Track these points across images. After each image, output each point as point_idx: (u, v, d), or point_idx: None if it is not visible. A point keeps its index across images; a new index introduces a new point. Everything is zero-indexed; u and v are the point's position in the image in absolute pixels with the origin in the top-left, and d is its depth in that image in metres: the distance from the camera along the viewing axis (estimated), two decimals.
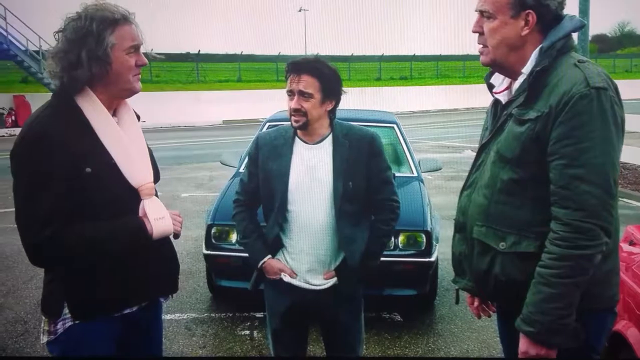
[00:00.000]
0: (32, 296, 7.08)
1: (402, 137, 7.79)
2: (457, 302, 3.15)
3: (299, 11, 67.18)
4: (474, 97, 33.97)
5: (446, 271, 7.17)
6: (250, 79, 47.16)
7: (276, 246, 3.62)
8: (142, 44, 2.81)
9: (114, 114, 2.85)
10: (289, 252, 3.61)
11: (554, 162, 2.42)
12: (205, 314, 6.57)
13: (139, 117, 3.00)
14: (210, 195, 10.84)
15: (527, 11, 2.55)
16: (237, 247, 5.77)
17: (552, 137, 2.41)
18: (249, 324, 6.27)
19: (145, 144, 2.96)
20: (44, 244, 2.59)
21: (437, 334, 6.07)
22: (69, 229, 2.60)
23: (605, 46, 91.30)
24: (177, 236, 3.00)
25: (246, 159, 3.85)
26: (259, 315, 6.31)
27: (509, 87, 2.72)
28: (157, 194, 2.94)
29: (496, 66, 2.71)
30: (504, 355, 3.05)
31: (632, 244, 4.77)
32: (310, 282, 3.58)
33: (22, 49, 30.40)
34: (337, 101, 3.57)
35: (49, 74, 2.76)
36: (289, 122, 3.56)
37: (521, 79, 2.61)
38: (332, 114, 3.59)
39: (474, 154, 2.87)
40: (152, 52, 3.00)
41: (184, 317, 6.42)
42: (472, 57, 51.76)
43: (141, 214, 2.82)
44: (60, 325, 2.77)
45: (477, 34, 2.69)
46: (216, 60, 50.93)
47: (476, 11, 2.66)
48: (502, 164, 2.59)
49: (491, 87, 2.83)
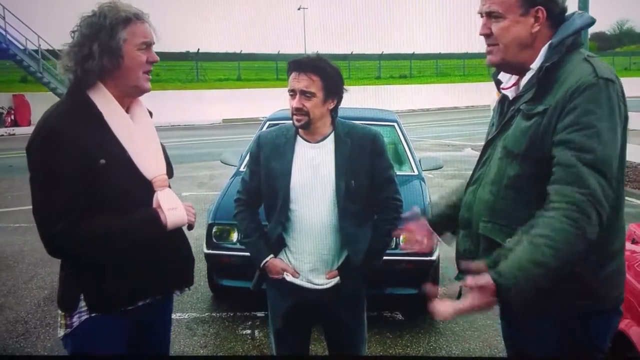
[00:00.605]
0: (33, 296, 7.07)
1: (403, 135, 7.78)
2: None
3: (298, 9, 67.14)
4: (474, 95, 34.14)
5: (447, 270, 7.16)
6: (250, 77, 47.19)
7: (278, 245, 3.61)
8: (153, 43, 2.88)
9: (127, 111, 2.91)
10: (291, 251, 3.59)
11: (559, 147, 2.38)
12: (206, 314, 6.55)
13: (151, 114, 3.07)
14: (211, 194, 10.84)
15: (536, 8, 2.54)
16: (238, 246, 5.77)
17: (559, 126, 2.39)
18: (250, 323, 6.25)
19: (157, 138, 3.02)
20: (61, 237, 2.64)
21: (439, 333, 6.06)
22: (85, 221, 2.66)
23: (604, 44, 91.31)
24: (191, 227, 3.03)
25: (247, 158, 3.84)
26: (260, 314, 6.30)
27: (517, 83, 2.71)
28: (170, 187, 2.98)
29: (505, 65, 2.68)
30: (506, 354, 3.04)
31: (634, 242, 4.75)
32: (312, 282, 3.57)
33: (21, 48, 30.39)
34: (339, 100, 3.55)
35: (63, 69, 2.82)
36: (290, 121, 3.54)
37: (529, 75, 2.60)
38: (334, 112, 3.58)
39: (474, 152, 2.86)
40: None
41: (185, 317, 6.40)
42: (472, 56, 51.86)
43: (155, 205, 2.86)
44: (76, 318, 2.82)
45: (483, 35, 2.66)
46: (216, 59, 50.91)
47: (480, 13, 2.64)
48: (509, 160, 2.57)
49: (499, 83, 2.81)
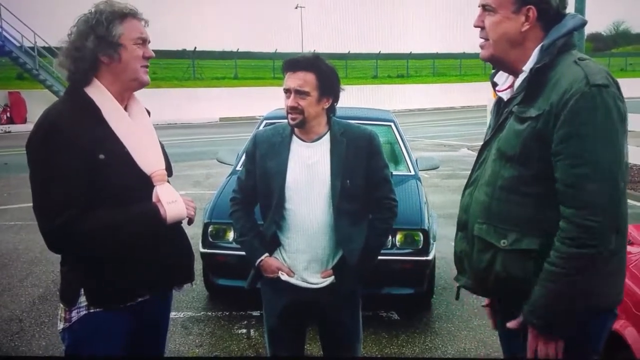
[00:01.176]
0: (28, 294, 7.05)
1: (400, 135, 7.79)
2: (457, 297, 3.15)
3: (296, 8, 67.15)
4: (471, 95, 34.20)
5: (443, 270, 7.17)
6: (246, 76, 47.13)
7: (273, 244, 3.61)
8: (149, 40, 2.93)
9: (125, 108, 2.94)
10: (286, 250, 3.59)
11: (559, 162, 2.41)
12: (201, 313, 6.55)
13: (149, 113, 3.11)
14: (207, 193, 10.84)
15: (528, 7, 2.56)
16: (234, 245, 5.76)
17: (556, 138, 2.41)
18: (245, 322, 6.25)
19: (156, 135, 3.05)
20: (62, 231, 2.66)
21: (434, 333, 6.06)
22: (85, 216, 2.68)
23: (600, 45, 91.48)
24: (190, 221, 3.06)
25: (243, 157, 3.84)
26: (256, 314, 6.29)
27: (512, 85, 2.72)
28: (169, 183, 3.01)
29: (495, 61, 2.71)
30: (502, 354, 3.04)
31: (630, 243, 4.76)
32: (307, 281, 3.57)
33: (17, 45, 30.33)
34: (335, 99, 3.55)
35: (59, 66, 2.86)
36: (287, 120, 3.54)
37: (522, 77, 2.61)
38: (330, 111, 3.58)
39: (470, 152, 2.88)
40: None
41: (181, 316, 6.39)
42: (469, 56, 51.93)
43: (154, 200, 2.88)
44: (75, 313, 2.85)
45: (478, 30, 2.70)
46: (212, 57, 50.87)
47: (479, 6, 2.67)
48: (503, 162, 2.59)
49: (495, 85, 2.83)
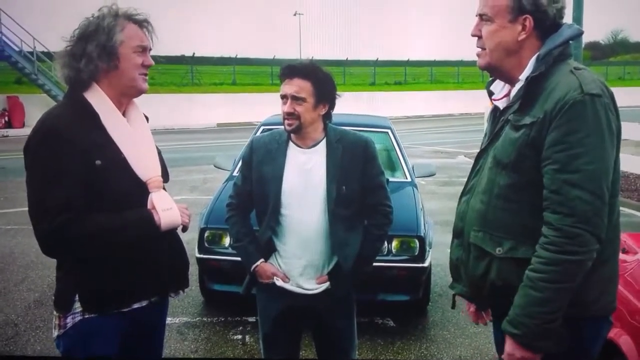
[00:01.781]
0: (23, 299, 7.03)
1: (396, 142, 7.81)
2: (453, 306, 3.15)
3: (294, 15, 67.28)
4: (468, 103, 34.27)
5: (439, 277, 7.17)
6: (245, 82, 47.19)
7: (269, 250, 3.62)
8: (150, 47, 2.94)
9: (124, 114, 2.94)
10: (281, 256, 3.60)
11: (547, 167, 2.43)
12: (197, 318, 6.54)
13: (147, 119, 3.11)
14: (203, 198, 10.83)
15: (524, 16, 2.57)
16: (230, 250, 5.76)
17: (546, 142, 2.43)
18: (241, 328, 6.24)
19: (153, 141, 3.05)
20: (57, 235, 2.66)
21: (430, 340, 6.06)
22: (80, 220, 2.69)
23: (598, 53, 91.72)
24: (185, 229, 3.06)
25: (240, 163, 3.85)
26: (251, 319, 6.28)
27: (508, 94, 2.73)
28: (165, 189, 3.02)
29: (492, 69, 2.73)
30: None
31: (624, 251, 4.76)
32: (302, 287, 3.58)
33: (16, 49, 30.31)
34: (332, 105, 3.57)
35: (59, 68, 2.86)
36: (283, 126, 3.55)
37: (518, 86, 2.63)
38: (326, 118, 3.59)
39: (467, 159, 2.89)
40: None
41: (176, 321, 6.37)
42: (467, 63, 52.01)
43: (149, 206, 2.88)
44: (69, 319, 2.85)
45: (475, 38, 2.71)
46: (211, 63, 50.98)
47: (476, 15, 2.68)
48: (499, 170, 2.60)
49: (491, 94, 2.84)
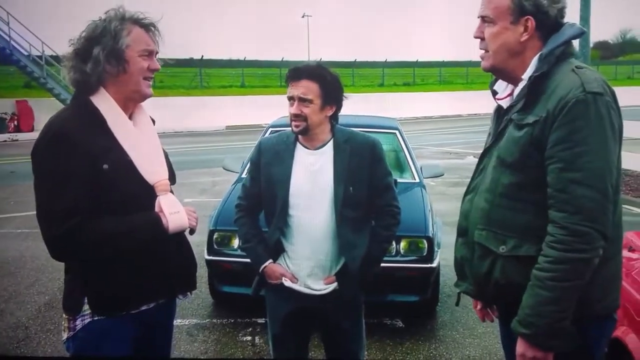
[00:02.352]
0: (34, 302, 7.08)
1: (404, 143, 7.82)
2: (457, 304, 3.17)
3: (302, 17, 67.43)
4: (477, 104, 34.24)
5: (448, 277, 7.17)
6: (253, 84, 47.27)
7: (277, 251, 3.64)
8: (156, 51, 2.95)
9: (130, 117, 2.96)
10: (289, 256, 3.62)
11: (551, 165, 2.45)
12: (207, 320, 6.57)
13: (154, 122, 3.13)
14: (213, 200, 10.85)
15: (526, 17, 2.59)
16: (239, 252, 5.77)
17: (549, 141, 2.45)
18: (250, 329, 6.27)
19: (159, 144, 3.06)
20: (65, 239, 2.68)
21: (439, 340, 6.06)
22: (87, 224, 2.70)
23: (607, 53, 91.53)
24: (192, 231, 3.08)
25: (248, 165, 3.87)
26: (261, 321, 6.31)
27: (511, 94, 2.75)
28: (172, 192, 3.03)
29: (496, 71, 2.75)
30: None
31: (631, 250, 4.77)
32: (311, 287, 3.60)
33: (25, 54, 30.43)
34: (338, 107, 3.59)
35: (66, 70, 2.88)
36: (291, 128, 3.57)
37: (521, 85, 2.65)
38: (333, 119, 3.61)
39: (476, 160, 2.89)
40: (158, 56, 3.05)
41: (186, 323, 6.41)
42: (475, 64, 51.67)
43: (157, 210, 2.89)
44: (79, 321, 2.86)
45: (479, 40, 2.72)
46: (220, 65, 51.03)
47: (478, 17, 2.70)
48: (503, 169, 2.61)
49: (495, 93, 2.86)
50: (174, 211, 2.90)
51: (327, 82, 3.48)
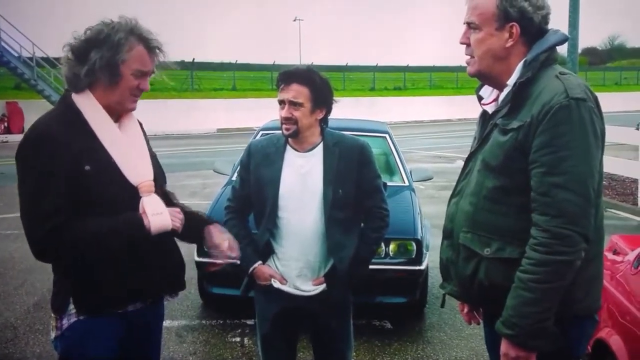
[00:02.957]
0: (23, 302, 7.11)
1: (394, 146, 7.86)
2: (442, 305, 3.21)
3: (294, 20, 67.57)
4: (467, 108, 34.25)
5: (436, 279, 7.17)
6: (245, 87, 47.20)
7: (267, 252, 3.67)
8: (152, 73, 2.96)
9: (117, 119, 2.96)
10: (279, 258, 3.65)
11: (534, 169, 2.49)
12: (196, 321, 6.59)
13: (141, 125, 3.15)
14: (203, 203, 10.83)
15: (511, 23, 2.63)
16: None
17: (533, 146, 2.49)
18: (239, 331, 6.30)
19: (145, 146, 3.07)
20: (46, 239, 2.70)
21: (427, 342, 6.11)
22: (70, 224, 2.72)
23: (595, 59, 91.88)
24: (177, 233, 3.06)
25: (238, 167, 3.90)
26: (250, 322, 6.33)
27: (497, 99, 2.80)
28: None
29: (482, 76, 2.79)
30: None
31: (616, 253, 4.83)
32: (299, 288, 3.63)
33: (16, 55, 30.32)
34: (328, 110, 3.63)
35: (65, 64, 2.88)
36: (281, 131, 3.60)
37: (506, 91, 2.69)
38: (323, 122, 3.65)
39: None
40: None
41: (175, 324, 6.43)
42: (465, 69, 51.88)
43: (141, 211, 2.89)
44: (65, 321, 2.89)
45: (462, 44, 2.77)
46: (211, 68, 50.96)
47: (464, 23, 2.74)
48: (487, 172, 2.66)
49: (481, 98, 2.91)
50: (156, 212, 2.90)
51: (318, 85, 3.52)
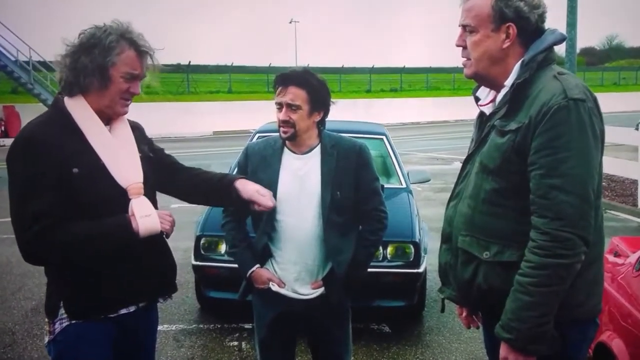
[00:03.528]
0: (20, 307, 7.08)
1: (391, 148, 7.85)
2: (442, 310, 3.18)
3: (290, 23, 67.56)
4: (464, 109, 34.32)
5: (434, 282, 7.18)
6: (241, 90, 47.24)
7: (264, 256, 3.65)
8: (142, 76, 2.96)
9: (107, 123, 2.97)
10: (277, 261, 3.63)
11: (533, 171, 2.47)
12: (193, 325, 6.57)
13: (143, 130, 3.19)
14: (199, 206, 10.87)
15: (507, 24, 2.61)
16: (226, 258, 5.78)
17: (532, 148, 2.47)
18: (237, 335, 6.27)
19: (136, 149, 3.05)
20: (34, 241, 2.70)
21: (426, 345, 6.09)
22: (58, 227, 2.72)
23: (593, 59, 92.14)
24: (167, 235, 3.07)
25: (236, 170, 3.88)
26: (248, 326, 6.31)
27: (494, 100, 2.77)
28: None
29: (479, 78, 2.77)
30: None
31: (617, 255, 4.80)
32: (298, 292, 3.61)
33: (12, 59, 30.26)
34: (326, 112, 3.61)
35: (58, 67, 2.89)
36: (278, 133, 3.58)
37: (504, 92, 2.67)
38: (320, 124, 3.63)
39: None
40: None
41: (172, 328, 6.41)
42: (462, 70, 51.86)
43: (130, 213, 2.89)
44: (57, 325, 2.89)
45: (458, 46, 2.75)
46: (207, 71, 51.05)
47: (459, 26, 2.72)
48: (485, 175, 2.64)
49: (477, 100, 2.88)
50: (144, 214, 2.91)
51: (315, 88, 3.50)
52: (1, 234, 10.42)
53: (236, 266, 3.80)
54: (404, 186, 7.35)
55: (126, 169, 2.93)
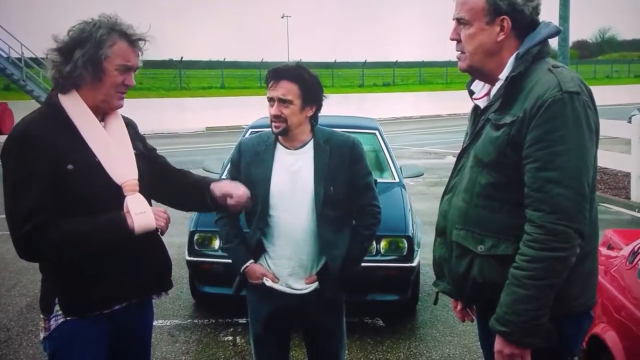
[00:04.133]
0: (15, 303, 7.08)
1: (384, 143, 7.85)
2: (435, 302, 3.19)
3: (282, 18, 67.53)
4: (457, 103, 34.38)
5: (428, 276, 7.20)
6: (233, 85, 47.19)
7: (258, 251, 3.65)
8: (136, 67, 2.95)
9: (102, 119, 2.96)
10: (270, 256, 3.63)
11: (528, 165, 2.47)
12: (188, 320, 6.58)
13: (136, 126, 3.18)
14: None
15: (501, 17, 2.61)
16: (220, 253, 5.78)
17: (526, 141, 2.47)
18: (232, 330, 6.28)
19: (130, 144, 3.04)
20: (29, 237, 2.69)
21: (419, 339, 6.11)
22: (52, 223, 2.71)
23: (586, 52, 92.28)
24: (162, 232, 3.06)
25: (229, 165, 3.88)
26: (242, 321, 6.32)
27: (488, 93, 2.77)
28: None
29: (473, 72, 2.77)
30: (484, 359, 3.08)
31: (610, 248, 4.82)
32: (292, 287, 3.61)
33: (4, 56, 30.17)
34: (318, 107, 3.61)
35: (50, 65, 2.87)
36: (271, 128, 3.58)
37: (498, 85, 2.66)
38: (313, 119, 3.63)
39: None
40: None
41: (167, 324, 6.42)
42: (455, 64, 51.68)
43: (125, 210, 2.88)
44: (53, 322, 2.88)
45: (452, 40, 2.75)
46: (199, 66, 50.89)
47: (453, 19, 2.72)
48: (480, 168, 2.63)
49: (472, 93, 2.88)
50: (139, 211, 2.89)
51: (307, 82, 3.49)
52: None
53: (230, 261, 3.81)
54: (397, 181, 7.35)
55: (121, 166, 2.92)
